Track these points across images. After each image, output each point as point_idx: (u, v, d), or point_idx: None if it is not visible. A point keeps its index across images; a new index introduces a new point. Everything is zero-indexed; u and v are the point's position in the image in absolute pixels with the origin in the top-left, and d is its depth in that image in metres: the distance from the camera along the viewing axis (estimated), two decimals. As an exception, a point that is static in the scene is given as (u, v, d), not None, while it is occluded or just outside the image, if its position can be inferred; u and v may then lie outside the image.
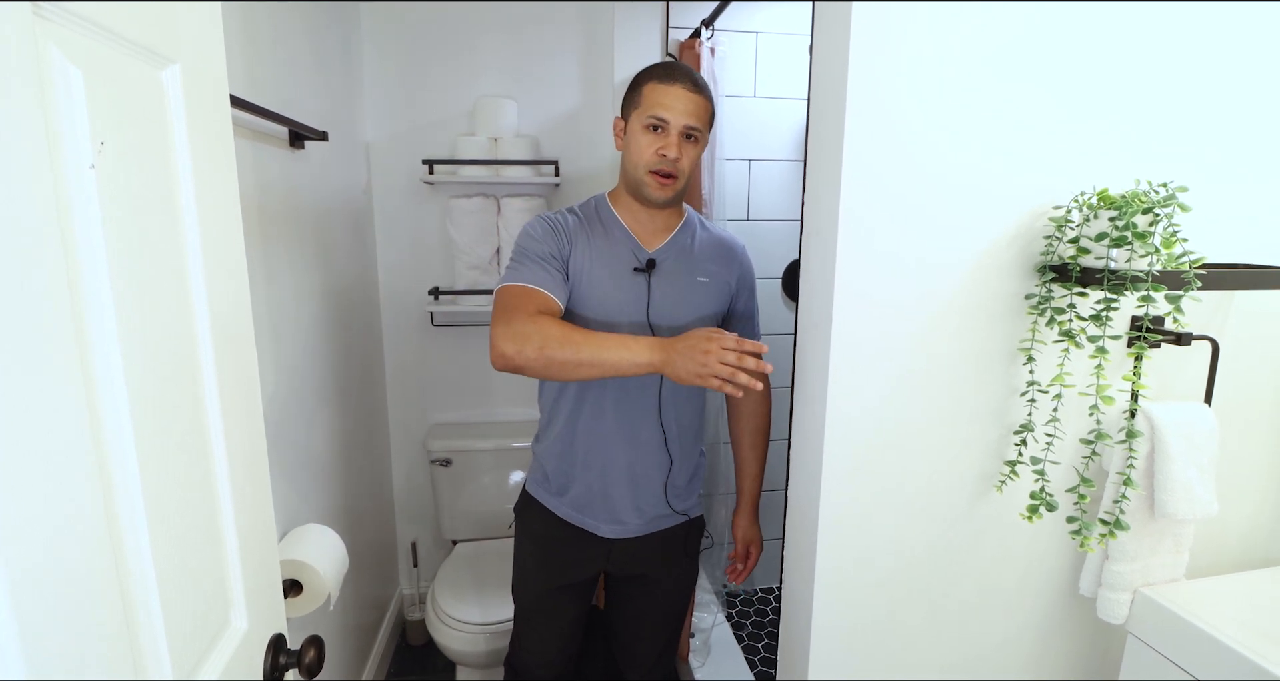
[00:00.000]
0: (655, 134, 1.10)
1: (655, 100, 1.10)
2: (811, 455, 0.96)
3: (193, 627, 0.58)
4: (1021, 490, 0.98)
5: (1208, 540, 1.09)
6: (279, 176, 1.33)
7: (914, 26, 0.83)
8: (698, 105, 1.10)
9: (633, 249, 1.17)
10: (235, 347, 0.67)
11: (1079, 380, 0.93)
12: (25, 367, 0.39)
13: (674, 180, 1.12)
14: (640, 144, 1.11)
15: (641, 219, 1.19)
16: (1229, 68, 0.94)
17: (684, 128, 1.10)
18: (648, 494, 1.21)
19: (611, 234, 1.18)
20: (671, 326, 1.16)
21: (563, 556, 1.26)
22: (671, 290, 1.17)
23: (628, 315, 1.15)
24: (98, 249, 0.46)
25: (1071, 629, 1.10)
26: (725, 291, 1.23)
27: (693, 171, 1.16)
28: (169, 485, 0.54)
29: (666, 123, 1.09)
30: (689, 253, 1.21)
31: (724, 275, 1.22)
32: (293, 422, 1.37)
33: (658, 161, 1.10)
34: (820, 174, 0.91)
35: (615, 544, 1.24)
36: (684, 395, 1.20)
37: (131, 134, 0.51)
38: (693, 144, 1.12)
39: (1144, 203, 0.82)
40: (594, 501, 1.21)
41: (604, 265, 1.15)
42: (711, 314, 1.21)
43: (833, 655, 1.00)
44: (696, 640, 1.89)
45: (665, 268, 1.17)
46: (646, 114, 1.10)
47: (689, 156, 1.12)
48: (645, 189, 1.13)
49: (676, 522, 1.26)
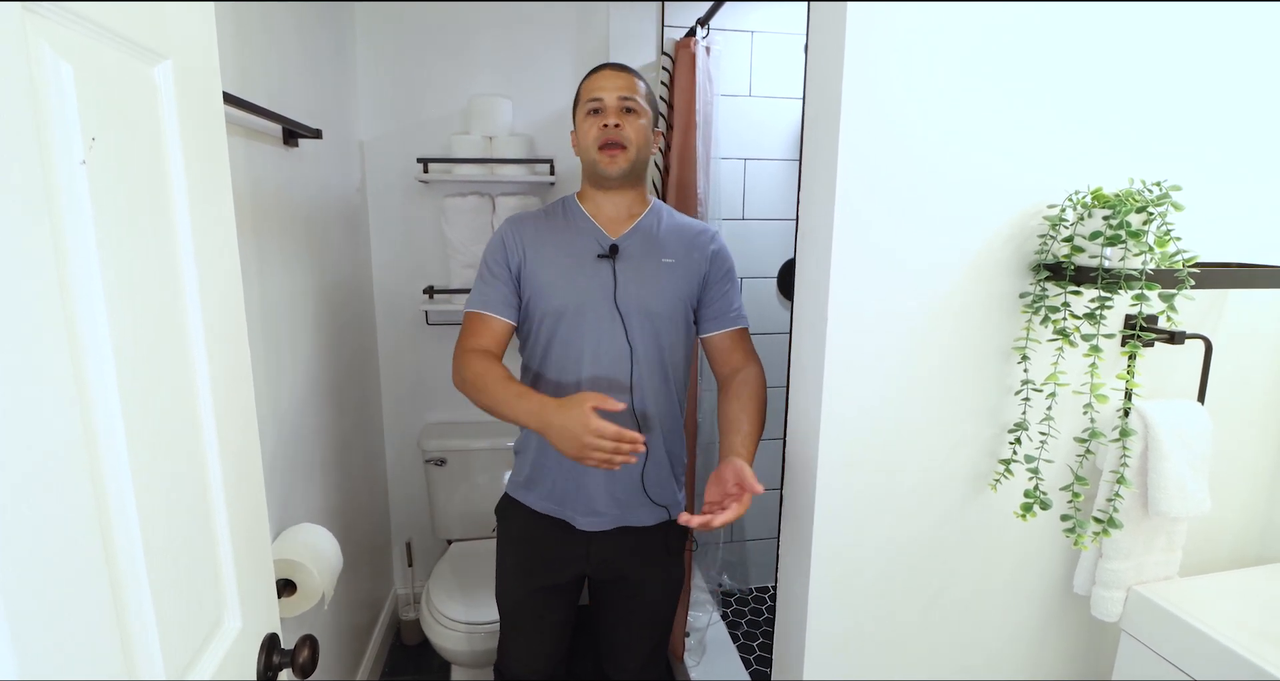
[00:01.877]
0: (596, 116, 1.17)
1: (588, 88, 1.19)
2: (806, 453, 0.96)
3: (185, 627, 0.57)
4: (1016, 488, 0.98)
5: (1201, 538, 1.10)
6: (272, 174, 1.32)
7: (908, 26, 0.84)
8: (627, 80, 1.18)
9: (596, 237, 1.20)
10: (228, 346, 0.67)
11: (1073, 378, 0.94)
12: (16, 366, 0.38)
13: (623, 151, 1.16)
14: (585, 129, 1.19)
15: (605, 208, 1.22)
16: (1223, 68, 0.95)
17: (619, 99, 1.16)
18: (624, 483, 1.20)
19: (576, 225, 1.22)
20: (640, 308, 1.16)
21: (542, 556, 1.26)
22: (637, 274, 1.18)
23: (594, 301, 1.16)
24: (89, 246, 0.45)
25: (1065, 626, 1.11)
26: (694, 273, 1.22)
27: (645, 147, 1.19)
28: (161, 483, 0.54)
29: (601, 100, 1.16)
30: (654, 237, 1.22)
31: (693, 256, 1.22)
32: (286, 421, 1.36)
33: (601, 134, 1.16)
34: (815, 173, 0.91)
35: (593, 540, 1.22)
36: (653, 384, 1.19)
37: (123, 130, 0.50)
38: (634, 116, 1.17)
39: (1138, 201, 0.82)
40: (570, 492, 1.20)
41: (567, 255, 1.19)
42: (681, 297, 1.20)
43: (828, 653, 1.01)
44: (691, 639, 1.89)
45: (629, 252, 1.19)
46: (585, 101, 1.19)
47: (632, 126, 1.17)
48: (599, 166, 1.17)
49: (656, 519, 1.24)
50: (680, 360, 1.24)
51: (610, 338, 1.16)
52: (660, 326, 1.18)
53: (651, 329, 1.18)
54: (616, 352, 1.16)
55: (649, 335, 1.18)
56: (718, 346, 1.25)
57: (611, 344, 1.16)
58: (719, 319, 1.24)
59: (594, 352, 1.17)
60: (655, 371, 1.19)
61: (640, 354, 1.17)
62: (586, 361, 1.17)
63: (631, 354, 1.16)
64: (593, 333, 1.16)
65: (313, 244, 1.54)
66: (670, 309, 1.19)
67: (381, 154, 2.00)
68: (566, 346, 1.18)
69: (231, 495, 0.66)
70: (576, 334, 1.17)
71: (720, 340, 1.24)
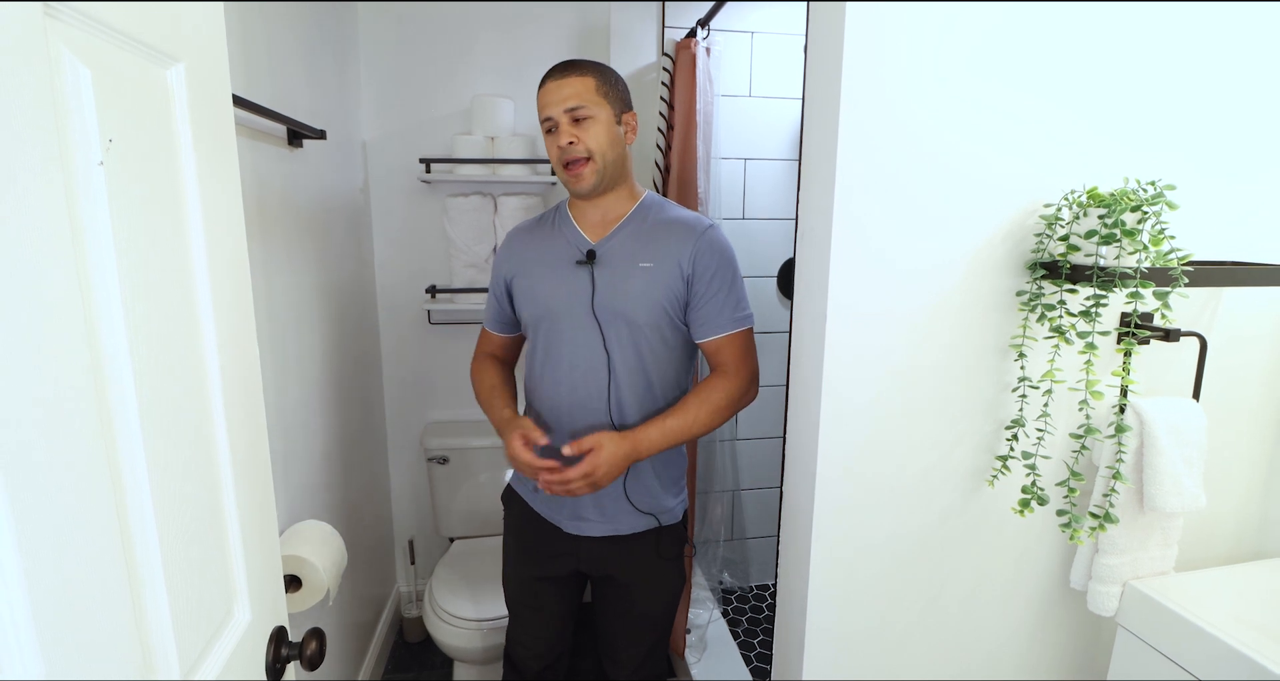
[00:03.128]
0: (552, 135, 1.14)
1: (540, 104, 1.14)
2: (806, 451, 0.97)
3: (197, 618, 0.59)
4: (1013, 484, 0.99)
5: (1196, 533, 1.10)
6: (277, 175, 1.33)
7: (908, 26, 0.85)
8: (570, 87, 1.11)
9: (577, 243, 1.19)
10: (238, 343, 0.68)
11: (1069, 376, 0.95)
12: (36, 363, 0.40)
13: (584, 164, 1.12)
14: (548, 146, 1.16)
15: (588, 213, 1.21)
16: (1218, 67, 0.96)
17: (566, 113, 1.11)
18: (608, 492, 1.18)
19: (560, 231, 1.22)
20: (618, 315, 1.13)
21: (538, 549, 1.28)
22: (613, 279, 1.14)
23: (571, 308, 1.15)
24: (106, 244, 0.47)
25: (1062, 621, 1.12)
26: (674, 274, 1.14)
27: (611, 147, 1.13)
28: (175, 477, 0.55)
29: (551, 118, 1.13)
30: (635, 239, 1.17)
31: (673, 257, 1.14)
32: (291, 419, 1.37)
33: (560, 155, 1.13)
34: (814, 173, 0.92)
35: (582, 542, 1.23)
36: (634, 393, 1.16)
37: (138, 132, 0.52)
38: (587, 123, 1.11)
39: (1132, 201, 0.83)
40: (557, 497, 1.20)
41: (548, 264, 1.20)
42: (660, 303, 1.13)
43: (828, 649, 1.02)
44: (692, 636, 1.90)
45: (606, 258, 1.16)
46: (541, 118, 1.15)
47: (589, 134, 1.11)
48: (569, 185, 1.16)
49: (645, 525, 1.21)
50: (669, 368, 1.18)
51: (588, 345, 1.15)
52: (640, 334, 1.14)
53: (630, 337, 1.14)
54: (594, 361, 1.15)
55: (627, 343, 1.14)
56: (707, 352, 1.18)
57: (590, 352, 1.15)
58: (704, 325, 1.15)
59: (571, 360, 1.16)
60: (636, 380, 1.15)
61: (618, 362, 1.14)
62: (565, 369, 1.16)
63: (609, 362, 1.15)
64: (570, 340, 1.16)
65: (316, 244, 1.55)
66: (650, 316, 1.13)
67: (384, 154, 2.01)
68: (549, 354, 1.19)
69: (242, 489, 0.67)
70: (558, 341, 1.17)
71: (707, 347, 1.17)
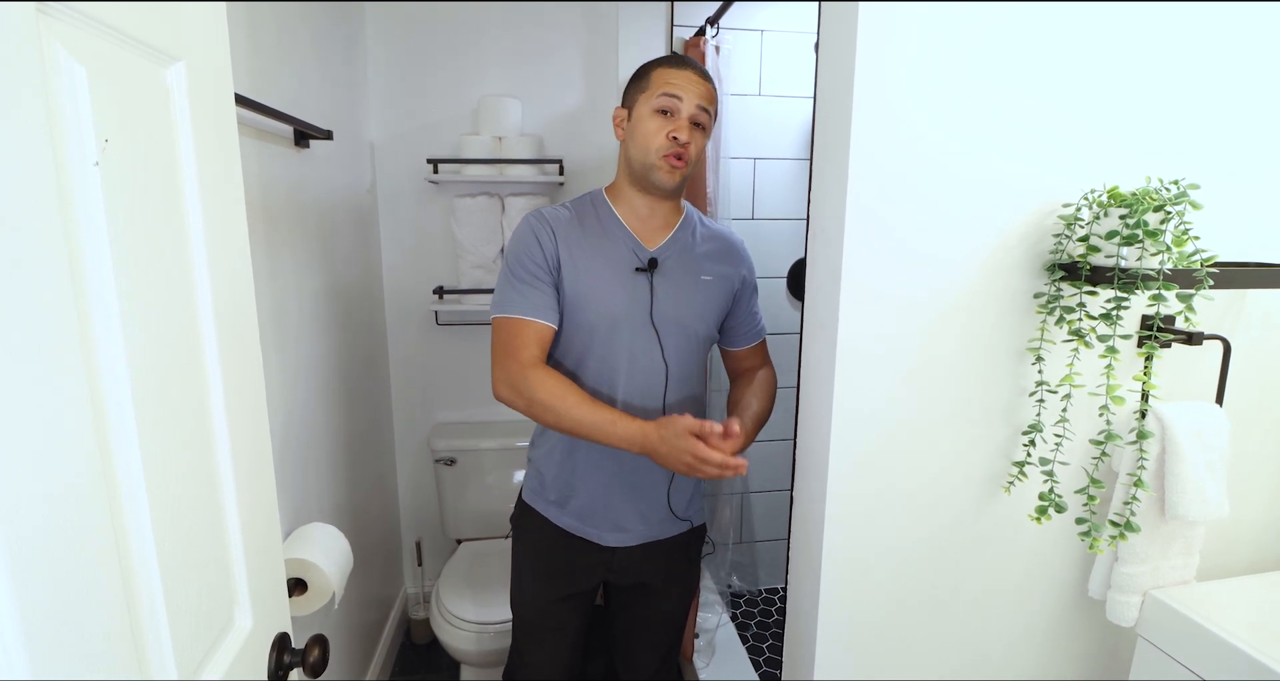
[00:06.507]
0: (665, 118, 1.08)
1: (666, 80, 1.08)
2: (817, 454, 0.95)
3: (197, 626, 0.58)
4: (1030, 491, 0.97)
5: (1218, 542, 1.08)
6: (283, 175, 1.33)
7: (921, 23, 0.83)
8: (708, 90, 1.10)
9: (633, 248, 1.14)
10: (240, 345, 0.67)
11: (1089, 380, 0.93)
12: (29, 364, 0.39)
13: (684, 165, 1.10)
14: (649, 128, 1.09)
15: (642, 215, 1.16)
16: (1240, 65, 0.93)
17: (695, 109, 1.08)
18: (651, 500, 1.19)
19: (610, 232, 1.15)
20: (677, 326, 1.14)
21: (564, 567, 1.23)
22: (674, 290, 1.14)
23: (630, 316, 1.12)
24: (102, 246, 0.46)
25: (1080, 631, 1.09)
26: (729, 290, 1.20)
27: (699, 163, 1.15)
28: (173, 481, 0.54)
29: (678, 102, 1.07)
30: (690, 251, 1.17)
31: (728, 274, 1.20)
32: (297, 421, 1.37)
33: (669, 145, 1.08)
34: (827, 172, 0.90)
35: (617, 552, 1.21)
36: (683, 400, 1.17)
37: (136, 131, 0.51)
38: (700, 132, 1.11)
39: (1155, 200, 0.81)
40: (596, 510, 1.18)
41: (604, 265, 1.12)
42: (717, 315, 1.20)
43: (838, 655, 1.00)
44: (701, 640, 1.88)
45: (667, 266, 1.14)
46: (657, 94, 1.08)
47: (697, 144, 1.11)
48: (656, 173, 1.10)
49: (680, 530, 1.24)
50: (703, 373, 1.24)
51: (646, 354, 1.13)
52: (695, 344, 1.18)
53: (686, 346, 1.16)
54: (652, 369, 1.14)
55: (684, 352, 1.16)
56: (739, 357, 1.27)
57: (647, 361, 1.13)
58: (747, 335, 1.26)
59: (629, 369, 1.13)
60: (687, 387, 1.18)
61: (674, 371, 1.15)
62: (621, 377, 1.14)
63: (666, 371, 1.14)
64: (627, 348, 1.13)
65: (323, 245, 1.55)
66: (708, 328, 1.18)
67: (391, 155, 2.00)
68: (602, 362, 1.13)
69: (243, 494, 0.66)
70: (612, 349, 1.13)
71: (740, 353, 1.27)
